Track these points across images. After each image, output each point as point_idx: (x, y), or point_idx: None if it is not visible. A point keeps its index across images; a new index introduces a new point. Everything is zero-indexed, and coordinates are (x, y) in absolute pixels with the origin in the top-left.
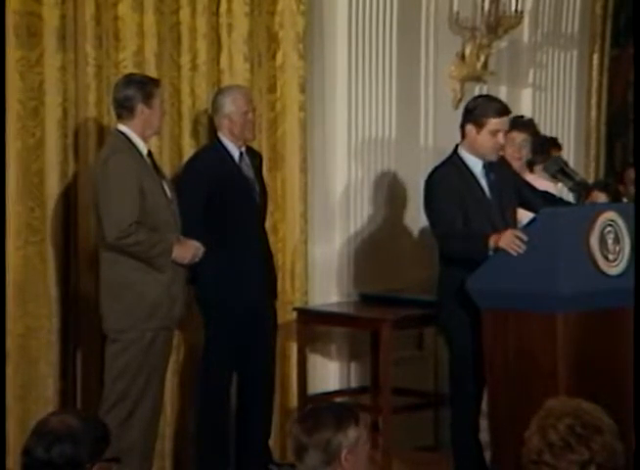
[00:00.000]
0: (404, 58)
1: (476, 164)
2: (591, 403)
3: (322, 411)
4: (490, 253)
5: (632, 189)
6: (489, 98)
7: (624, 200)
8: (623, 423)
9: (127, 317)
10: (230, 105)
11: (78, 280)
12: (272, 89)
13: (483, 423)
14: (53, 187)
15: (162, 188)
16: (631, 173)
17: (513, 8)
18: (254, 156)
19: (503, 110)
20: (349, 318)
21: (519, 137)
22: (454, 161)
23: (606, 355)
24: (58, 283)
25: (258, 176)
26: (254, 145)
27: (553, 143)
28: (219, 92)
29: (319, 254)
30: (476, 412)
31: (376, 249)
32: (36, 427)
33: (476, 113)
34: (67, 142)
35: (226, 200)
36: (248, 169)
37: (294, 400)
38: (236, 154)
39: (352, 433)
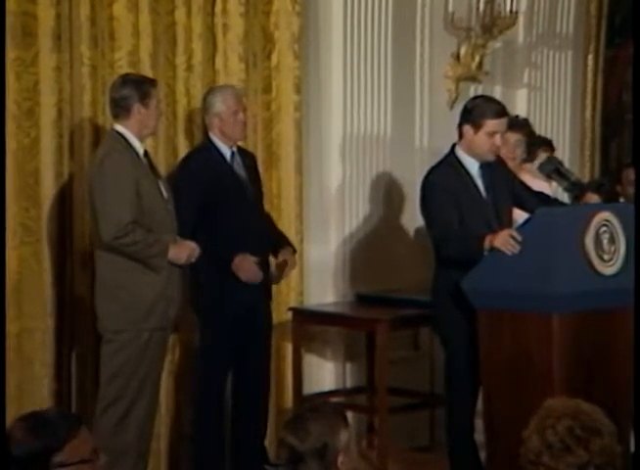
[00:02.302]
0: (399, 58)
1: (472, 165)
2: (590, 404)
3: (311, 417)
4: (486, 253)
5: (630, 189)
6: (488, 99)
7: (621, 200)
8: (619, 423)
9: (123, 318)
10: (220, 104)
11: (73, 280)
12: (267, 89)
13: (479, 423)
14: (48, 187)
15: (159, 188)
16: (630, 174)
17: (508, 8)
18: (246, 155)
19: (501, 111)
20: (345, 318)
21: (513, 137)
22: (451, 161)
23: (601, 355)
24: (53, 283)
25: (251, 176)
26: (250, 145)
27: (545, 143)
28: (209, 91)
29: (315, 254)
30: (471, 412)
31: (371, 249)
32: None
33: (474, 113)
34: (62, 142)
35: (219, 199)
36: (240, 169)
37: (289, 401)
38: (227, 153)
39: (344, 435)
